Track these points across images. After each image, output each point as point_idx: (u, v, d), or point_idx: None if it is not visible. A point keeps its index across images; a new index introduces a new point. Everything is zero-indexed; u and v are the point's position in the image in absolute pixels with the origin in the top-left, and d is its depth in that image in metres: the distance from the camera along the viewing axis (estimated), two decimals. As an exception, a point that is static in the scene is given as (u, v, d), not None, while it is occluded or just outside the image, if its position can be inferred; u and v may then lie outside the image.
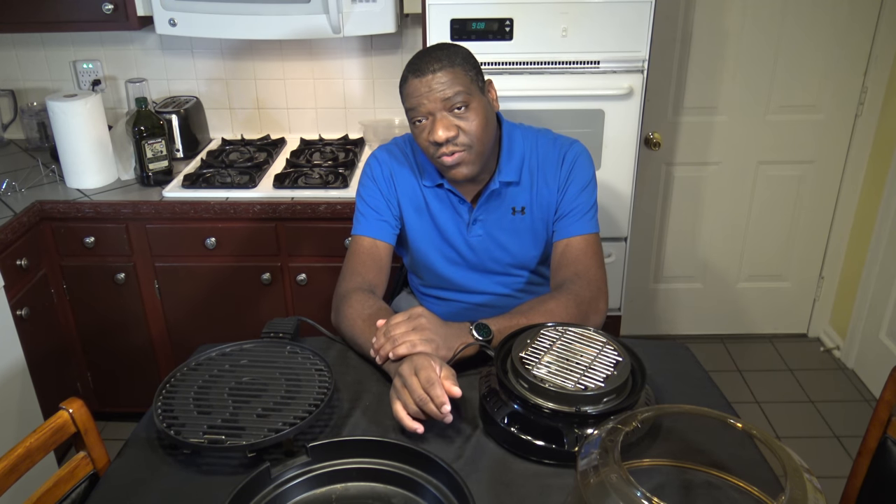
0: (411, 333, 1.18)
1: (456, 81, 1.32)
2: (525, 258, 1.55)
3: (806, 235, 2.81)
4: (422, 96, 1.33)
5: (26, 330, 2.00)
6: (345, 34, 2.10)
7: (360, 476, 1.02)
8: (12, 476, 1.06)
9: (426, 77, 1.32)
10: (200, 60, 2.52)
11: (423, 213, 1.52)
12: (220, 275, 2.20)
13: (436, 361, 1.11)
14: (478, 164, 1.40)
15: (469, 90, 1.34)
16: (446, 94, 1.32)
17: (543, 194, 1.49)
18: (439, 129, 1.33)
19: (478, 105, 1.36)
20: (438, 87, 1.32)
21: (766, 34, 2.47)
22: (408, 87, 1.35)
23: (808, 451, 2.36)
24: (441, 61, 1.32)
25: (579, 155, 1.50)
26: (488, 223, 1.51)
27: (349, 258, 1.49)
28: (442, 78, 1.32)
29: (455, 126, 1.34)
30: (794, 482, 0.81)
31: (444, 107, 1.33)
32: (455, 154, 1.36)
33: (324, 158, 2.36)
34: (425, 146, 1.38)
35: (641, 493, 0.78)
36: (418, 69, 1.33)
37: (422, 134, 1.37)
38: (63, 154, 2.16)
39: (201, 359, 1.24)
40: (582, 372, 1.09)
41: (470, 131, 1.35)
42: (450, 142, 1.34)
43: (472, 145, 1.36)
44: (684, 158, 2.67)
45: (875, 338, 2.62)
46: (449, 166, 1.38)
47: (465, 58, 1.37)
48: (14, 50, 2.51)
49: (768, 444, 0.88)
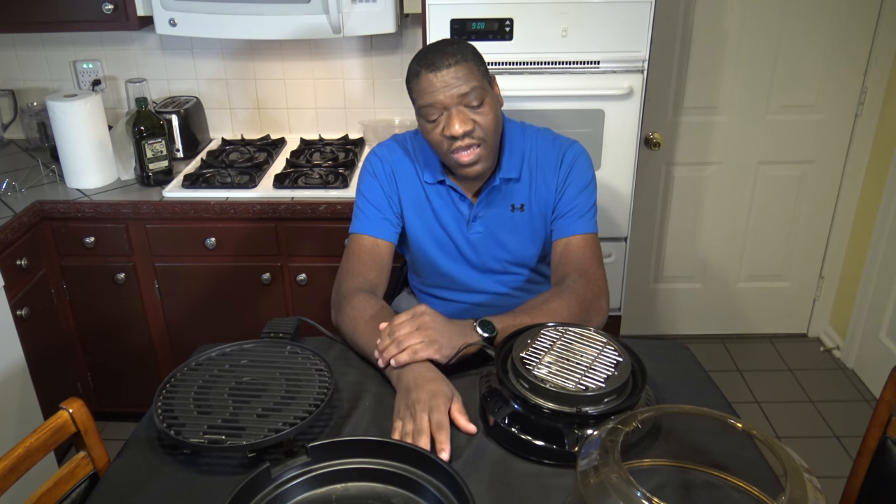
0: (414, 335, 1.18)
1: (471, 76, 1.33)
2: (524, 255, 1.55)
3: (806, 235, 2.81)
4: (437, 91, 1.32)
5: (26, 330, 2.00)
6: (345, 34, 2.10)
7: (360, 476, 1.02)
8: (12, 476, 1.06)
9: (441, 72, 1.32)
10: (200, 60, 2.52)
11: (424, 209, 1.52)
12: (220, 275, 2.20)
13: (449, 397, 1.12)
14: (489, 159, 1.42)
15: (482, 85, 1.35)
16: (462, 90, 1.32)
17: (542, 192, 1.50)
18: (456, 123, 1.33)
19: (491, 100, 1.37)
20: (455, 83, 1.32)
21: (766, 34, 2.47)
22: (421, 83, 1.34)
23: (808, 451, 2.36)
24: (455, 56, 1.32)
25: (578, 156, 1.50)
26: (488, 220, 1.51)
27: (349, 257, 1.48)
28: (458, 73, 1.32)
29: (471, 120, 1.34)
30: (794, 482, 0.81)
31: (461, 102, 1.33)
32: (472, 150, 1.37)
33: (324, 158, 2.36)
34: (439, 141, 1.38)
35: (641, 493, 0.78)
36: (433, 64, 1.32)
37: (436, 129, 1.37)
38: (63, 154, 2.16)
39: (201, 359, 1.24)
40: (583, 372, 1.09)
41: (485, 125, 1.36)
42: (467, 135, 1.35)
43: (486, 139, 1.37)
44: (684, 158, 2.67)
45: (875, 338, 2.62)
46: (465, 164, 1.38)
47: (475, 53, 1.38)
48: (14, 50, 2.51)
49: (768, 443, 0.88)
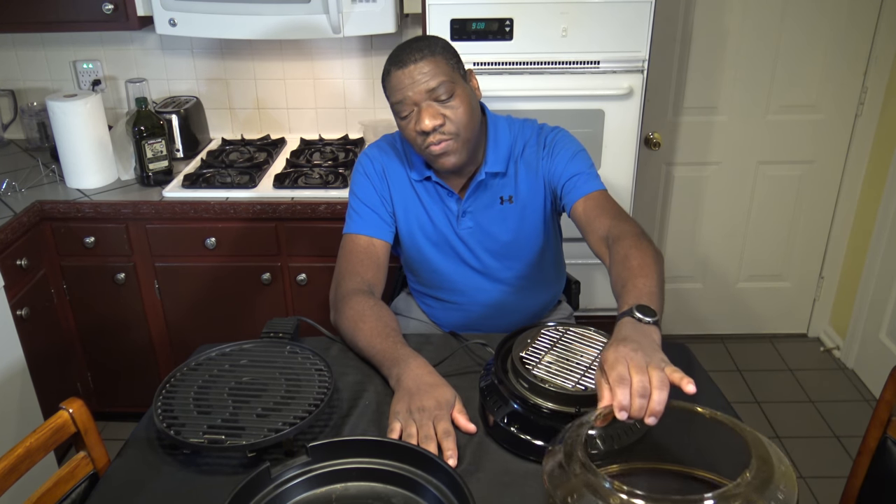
0: (651, 373, 0.93)
1: (438, 71, 1.33)
2: (517, 247, 1.54)
3: (806, 235, 2.81)
4: (406, 88, 1.33)
5: (26, 330, 2.00)
6: (345, 34, 2.10)
7: (360, 476, 1.02)
8: (12, 476, 1.06)
9: (408, 68, 1.33)
10: (200, 60, 2.52)
11: (415, 207, 1.52)
12: (220, 275, 2.20)
13: (453, 405, 1.13)
14: (464, 152, 1.41)
15: (452, 78, 1.35)
16: (430, 85, 1.33)
17: (531, 180, 1.49)
18: (426, 118, 1.33)
19: (462, 93, 1.36)
20: (422, 78, 1.32)
21: (766, 34, 2.47)
22: (391, 80, 1.36)
23: (808, 451, 2.36)
24: (422, 51, 1.33)
25: (558, 133, 1.51)
26: (478, 215, 1.51)
27: (345, 257, 1.47)
28: (424, 68, 1.32)
29: (441, 114, 1.35)
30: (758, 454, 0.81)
31: (430, 96, 1.34)
32: (442, 143, 1.37)
33: (324, 158, 2.36)
34: (413, 137, 1.39)
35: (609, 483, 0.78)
36: (400, 61, 1.34)
37: (409, 125, 1.38)
38: (63, 154, 2.16)
39: (201, 359, 1.24)
40: (582, 372, 1.09)
41: (456, 119, 1.36)
42: (437, 130, 1.35)
43: (458, 133, 1.37)
44: (684, 158, 2.67)
45: (875, 338, 2.62)
46: (437, 155, 1.39)
47: (445, 47, 1.38)
48: (14, 50, 2.51)
49: (734, 427, 0.88)
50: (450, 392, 1.15)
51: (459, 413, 1.13)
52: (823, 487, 2.21)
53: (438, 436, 1.07)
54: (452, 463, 1.03)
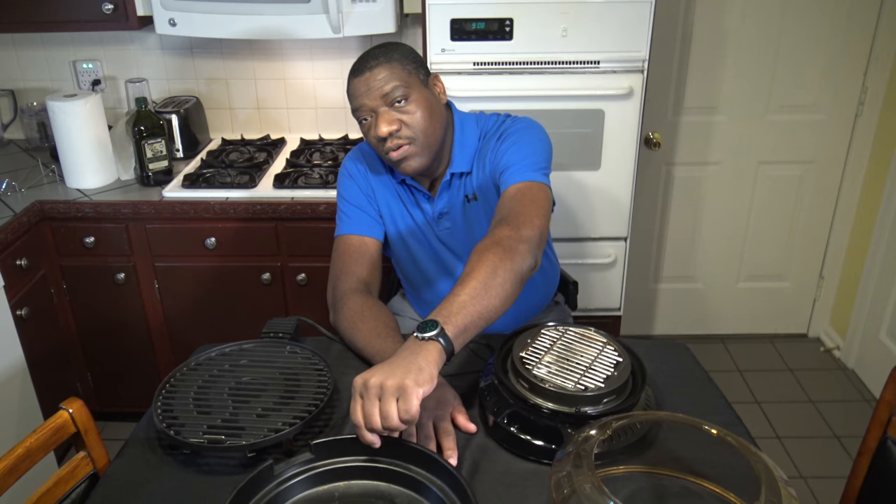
0: (385, 402, 0.94)
1: (393, 76, 1.33)
2: None
3: (806, 235, 2.81)
4: (362, 95, 1.35)
5: (26, 330, 2.00)
6: (345, 34, 2.10)
7: (362, 474, 1.02)
8: (12, 476, 1.06)
9: (364, 75, 1.34)
10: (200, 60, 2.52)
11: (399, 208, 1.53)
12: (219, 275, 2.20)
13: (452, 404, 1.13)
14: (426, 156, 1.40)
15: (407, 83, 1.35)
16: (384, 90, 1.33)
17: (483, 176, 1.46)
18: (382, 125, 1.34)
19: (419, 97, 1.36)
20: (376, 84, 1.33)
21: (766, 34, 2.47)
22: (350, 88, 1.38)
23: (808, 451, 2.36)
24: (377, 58, 1.34)
25: (515, 123, 1.45)
26: (453, 215, 1.50)
27: (339, 258, 1.47)
28: (379, 74, 1.33)
29: (397, 120, 1.35)
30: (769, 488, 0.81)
31: (385, 102, 1.34)
32: (401, 148, 1.37)
33: (324, 158, 2.36)
34: (374, 144, 1.39)
35: (614, 502, 0.78)
36: (357, 69, 1.36)
37: (369, 132, 1.38)
38: (63, 154, 2.16)
39: (201, 359, 1.24)
40: (582, 372, 1.09)
41: (412, 124, 1.36)
42: (393, 135, 1.35)
43: (416, 138, 1.37)
44: (684, 158, 2.67)
45: (875, 338, 2.62)
46: (396, 161, 1.39)
47: (404, 53, 1.38)
48: (14, 50, 2.51)
49: (744, 450, 0.88)
50: (449, 391, 1.15)
51: (459, 412, 1.13)
52: (823, 487, 2.21)
53: (438, 435, 1.07)
54: (453, 462, 1.03)
